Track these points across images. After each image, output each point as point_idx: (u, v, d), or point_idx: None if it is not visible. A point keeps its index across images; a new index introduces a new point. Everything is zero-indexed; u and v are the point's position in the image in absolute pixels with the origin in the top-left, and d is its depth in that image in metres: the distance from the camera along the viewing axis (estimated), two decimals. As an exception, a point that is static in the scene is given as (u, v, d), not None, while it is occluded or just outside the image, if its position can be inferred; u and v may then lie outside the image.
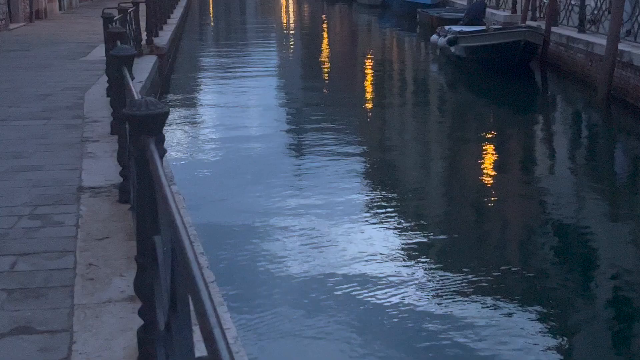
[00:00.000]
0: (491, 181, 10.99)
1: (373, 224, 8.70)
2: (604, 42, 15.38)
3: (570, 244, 8.44)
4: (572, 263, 7.92)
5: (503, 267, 7.58)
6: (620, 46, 14.90)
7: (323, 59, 24.38)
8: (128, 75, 5.29)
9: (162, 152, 2.85)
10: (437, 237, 8.49)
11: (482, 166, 11.73)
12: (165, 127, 2.89)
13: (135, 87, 4.88)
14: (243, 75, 20.12)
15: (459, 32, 20.29)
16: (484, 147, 12.79)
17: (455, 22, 23.50)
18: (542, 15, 20.92)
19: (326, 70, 21.99)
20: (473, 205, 9.78)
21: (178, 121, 14.43)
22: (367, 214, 9.06)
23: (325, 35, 32.32)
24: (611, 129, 14.40)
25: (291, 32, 33.75)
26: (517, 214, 9.60)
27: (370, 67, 22.30)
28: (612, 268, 7.73)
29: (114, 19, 10.90)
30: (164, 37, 19.48)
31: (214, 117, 15.16)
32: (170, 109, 15.13)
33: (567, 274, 7.63)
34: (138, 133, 2.99)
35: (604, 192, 10.31)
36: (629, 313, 6.84)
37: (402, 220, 8.82)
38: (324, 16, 40.73)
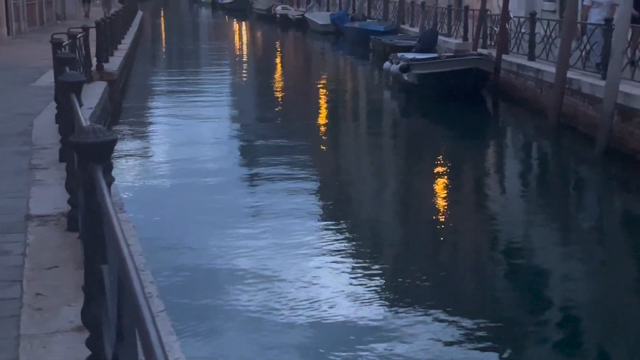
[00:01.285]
0: (445, 209, 11.11)
1: (325, 254, 8.72)
2: (553, 69, 15.68)
3: (523, 270, 8.56)
4: (525, 289, 8.04)
5: (460, 297, 7.67)
6: (569, 74, 15.20)
7: (276, 86, 24.46)
8: (76, 102, 5.27)
9: (110, 180, 2.85)
10: (390, 267, 8.56)
11: (436, 193, 11.86)
12: (115, 155, 2.90)
13: (84, 114, 4.87)
14: (196, 102, 20.06)
15: (412, 60, 20.50)
16: (437, 174, 12.94)
17: (408, 49, 23.74)
18: (493, 43, 21.25)
19: (279, 97, 22.06)
20: (426, 233, 9.87)
21: (129, 148, 14.32)
22: (320, 244, 9.08)
23: (278, 61, 32.44)
24: (560, 154, 14.68)
25: (244, 58, 33.82)
26: (470, 241, 9.71)
27: (323, 95, 22.42)
28: (564, 294, 7.86)
29: (63, 44, 10.86)
30: (114, 62, 19.39)
31: (166, 145, 15.09)
32: (121, 136, 15.18)
33: (520, 299, 7.75)
34: (85, 161, 2.99)
35: (554, 217, 10.47)
36: (579, 336, 6.96)
37: (357, 251, 8.86)
38: (277, 42, 40.90)
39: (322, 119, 18.60)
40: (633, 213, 10.95)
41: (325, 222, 10.00)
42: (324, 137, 16.32)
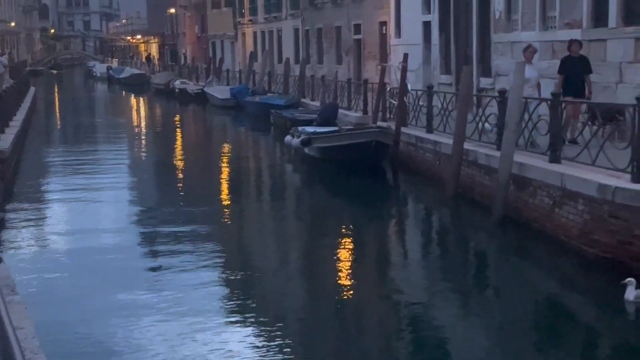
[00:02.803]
0: (347, 279, 11.35)
1: (229, 331, 8.84)
2: (450, 141, 16.25)
3: (424, 338, 8.81)
4: (427, 356, 8.29)
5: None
6: (466, 145, 15.79)
7: (177, 163, 24.45)
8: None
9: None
10: (293, 338, 8.69)
11: (338, 264, 12.09)
12: (5, 234, 2.97)
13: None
14: (93, 182, 19.80)
15: (312, 133, 20.90)
16: (339, 246, 13.20)
17: (308, 123, 24.19)
18: (392, 116, 21.86)
19: (180, 174, 22.05)
20: (330, 304, 10.05)
21: (22, 228, 14.13)
22: (222, 320, 9.18)
23: (178, 137, 32.48)
24: (459, 224, 15.17)
25: (143, 134, 33.73)
26: (372, 310, 9.94)
27: (225, 170, 22.57)
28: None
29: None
30: (5, 140, 19.17)
31: (61, 224, 14.88)
32: (13, 215, 14.93)
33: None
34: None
35: (453, 284, 10.82)
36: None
37: (258, 321, 9.01)
38: (176, 117, 40.98)
39: (224, 195, 18.69)
40: (528, 279, 11.38)
41: (229, 297, 10.10)
42: (226, 214, 16.39)
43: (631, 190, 10.57)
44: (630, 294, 9.38)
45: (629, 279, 9.46)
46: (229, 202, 17.63)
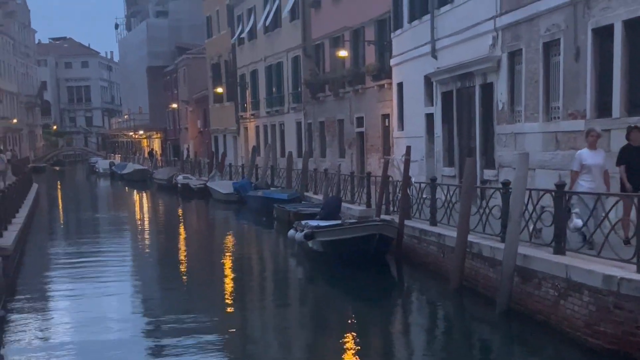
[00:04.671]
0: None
1: None
2: (454, 233, 16.42)
3: None
4: None
5: None
6: (470, 237, 15.95)
7: (180, 257, 24.58)
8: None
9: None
10: None
11: (343, 358, 12.09)
12: (6, 331, 3.12)
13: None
14: (96, 276, 20.02)
15: (316, 227, 21.10)
16: (344, 340, 13.20)
17: (312, 216, 24.42)
18: (395, 209, 22.08)
19: (183, 268, 22.15)
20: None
21: (24, 324, 14.21)
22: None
23: (182, 231, 32.66)
24: (463, 316, 15.20)
25: (146, 228, 33.90)
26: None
27: (228, 264, 22.66)
28: None
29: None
30: (9, 237, 19.40)
31: (63, 320, 14.97)
32: (16, 313, 15.03)
33: None
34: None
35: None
36: None
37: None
38: (179, 212, 41.24)
39: (227, 289, 18.76)
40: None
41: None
42: (229, 309, 16.44)
43: (636, 281, 10.70)
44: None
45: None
46: (232, 298, 17.69)
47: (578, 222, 13.33)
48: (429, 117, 26.84)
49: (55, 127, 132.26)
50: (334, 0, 37.59)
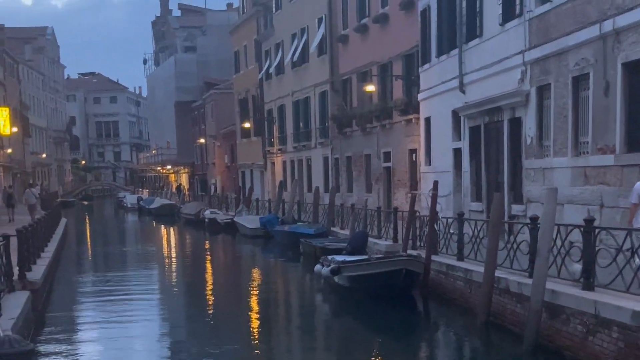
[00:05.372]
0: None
1: None
2: (481, 269, 16.38)
3: None
4: None
5: None
6: (497, 273, 15.91)
7: (207, 290, 24.70)
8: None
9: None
10: None
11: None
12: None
13: (5, 324, 5.12)
14: (124, 309, 20.21)
15: (342, 262, 21.13)
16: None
17: (338, 251, 24.45)
18: (422, 244, 22.05)
19: (210, 303, 22.25)
20: None
21: (54, 358, 14.33)
22: None
23: (208, 265, 32.78)
24: (490, 352, 15.12)
25: (173, 262, 34.08)
26: None
27: (254, 298, 22.72)
28: None
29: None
30: (37, 270, 19.57)
31: (93, 353, 15.10)
32: (45, 345, 15.14)
33: None
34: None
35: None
36: None
37: None
38: (206, 246, 41.37)
39: (254, 323, 18.80)
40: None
41: None
42: (255, 342, 16.48)
43: (665, 317, 10.63)
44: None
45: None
46: (258, 332, 17.72)
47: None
48: (457, 152, 26.85)
49: (83, 161, 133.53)
50: (362, 35, 37.85)
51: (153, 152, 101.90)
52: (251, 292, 24.01)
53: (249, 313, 20.45)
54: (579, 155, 18.83)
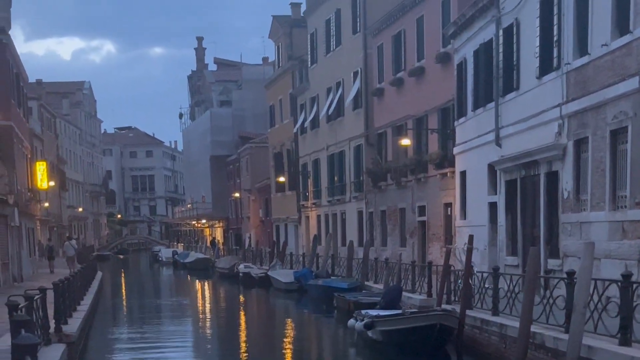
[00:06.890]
0: None
1: None
2: (517, 324, 16.26)
3: None
4: None
5: None
6: (533, 328, 15.78)
7: (241, 344, 24.75)
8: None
9: None
10: None
11: None
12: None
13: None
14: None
15: (376, 316, 21.09)
16: None
17: (372, 306, 24.41)
18: (457, 299, 21.93)
19: (245, 355, 22.26)
20: None
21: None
22: None
23: (242, 319, 32.82)
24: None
25: (207, 315, 34.16)
26: None
27: (289, 352, 22.71)
28: None
29: (20, 306, 11.23)
30: (74, 324, 19.72)
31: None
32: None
33: None
34: None
35: None
36: None
37: None
38: (240, 300, 41.42)
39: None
40: None
41: None
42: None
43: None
44: None
45: None
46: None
47: None
48: (492, 206, 26.79)
49: (119, 215, 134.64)
50: (397, 89, 38.08)
51: (188, 206, 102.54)
52: (285, 346, 23.97)
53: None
54: (617, 209, 18.69)
